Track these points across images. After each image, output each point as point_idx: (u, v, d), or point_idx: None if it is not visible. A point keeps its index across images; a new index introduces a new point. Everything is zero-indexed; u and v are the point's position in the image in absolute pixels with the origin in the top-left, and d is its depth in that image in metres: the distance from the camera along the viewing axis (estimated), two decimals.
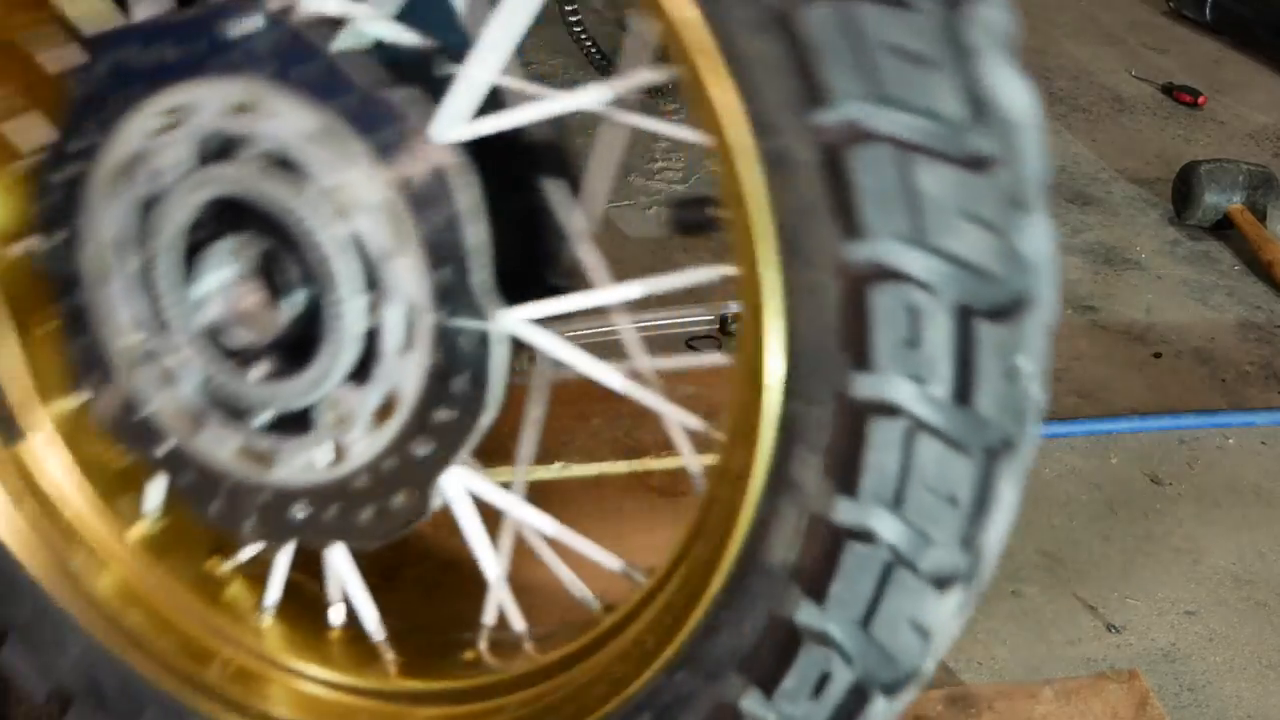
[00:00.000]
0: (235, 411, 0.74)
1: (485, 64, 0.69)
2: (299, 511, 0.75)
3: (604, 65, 3.07)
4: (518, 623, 0.86)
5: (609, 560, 0.82)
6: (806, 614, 0.63)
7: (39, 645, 0.86)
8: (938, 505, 0.62)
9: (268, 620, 0.91)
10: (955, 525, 0.62)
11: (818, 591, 0.63)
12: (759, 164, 0.60)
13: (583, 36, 3.05)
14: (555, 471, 1.17)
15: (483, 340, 0.68)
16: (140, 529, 0.91)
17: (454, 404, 0.69)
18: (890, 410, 0.60)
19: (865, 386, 0.60)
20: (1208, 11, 3.37)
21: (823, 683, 0.64)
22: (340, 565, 0.87)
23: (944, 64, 0.55)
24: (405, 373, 0.70)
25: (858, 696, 0.65)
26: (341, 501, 0.74)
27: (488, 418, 0.71)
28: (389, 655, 0.88)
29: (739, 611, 0.65)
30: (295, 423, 0.73)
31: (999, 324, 0.58)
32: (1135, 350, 2.15)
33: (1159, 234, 2.52)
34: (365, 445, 0.72)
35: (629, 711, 0.69)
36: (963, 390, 0.60)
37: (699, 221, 0.87)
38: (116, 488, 0.90)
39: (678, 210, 0.86)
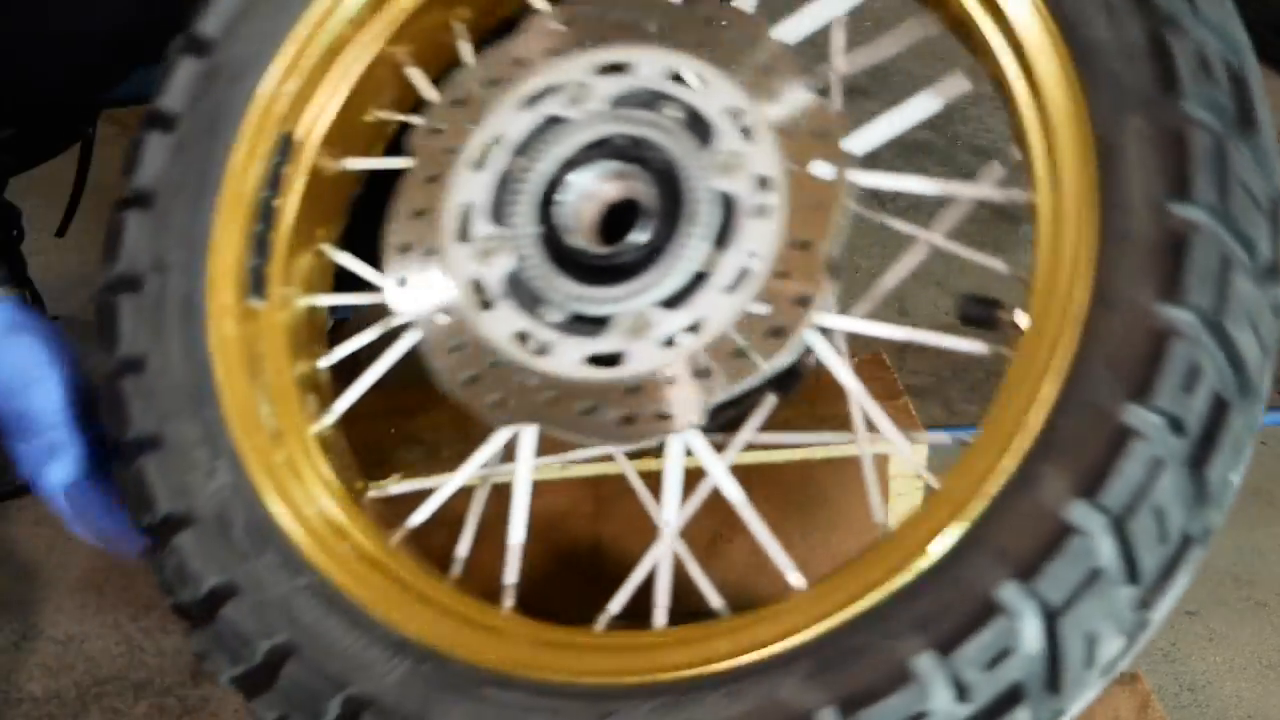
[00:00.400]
0: (531, 301, 0.85)
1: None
2: (544, 398, 0.83)
3: None
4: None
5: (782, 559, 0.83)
6: (1008, 592, 0.68)
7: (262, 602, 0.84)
8: (1150, 536, 0.69)
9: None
10: (1156, 561, 0.69)
11: (1026, 575, 0.68)
12: (1097, 235, 0.73)
13: None
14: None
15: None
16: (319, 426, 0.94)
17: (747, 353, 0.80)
18: (1144, 438, 0.69)
19: (1133, 415, 0.69)
20: None
21: (1000, 657, 0.68)
22: None
23: (1269, 216, 0.72)
24: (719, 309, 0.81)
25: (1022, 686, 0.68)
26: (594, 401, 0.81)
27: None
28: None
29: (943, 582, 0.70)
30: (584, 323, 0.84)
31: (1236, 413, 0.70)
32: None
33: None
34: (648, 356, 0.81)
35: (791, 656, 0.72)
36: (1199, 456, 0.70)
37: (986, 318, 0.95)
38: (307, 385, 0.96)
39: (968, 304, 0.95)
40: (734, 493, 0.85)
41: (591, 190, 0.89)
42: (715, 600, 0.83)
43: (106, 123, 1.75)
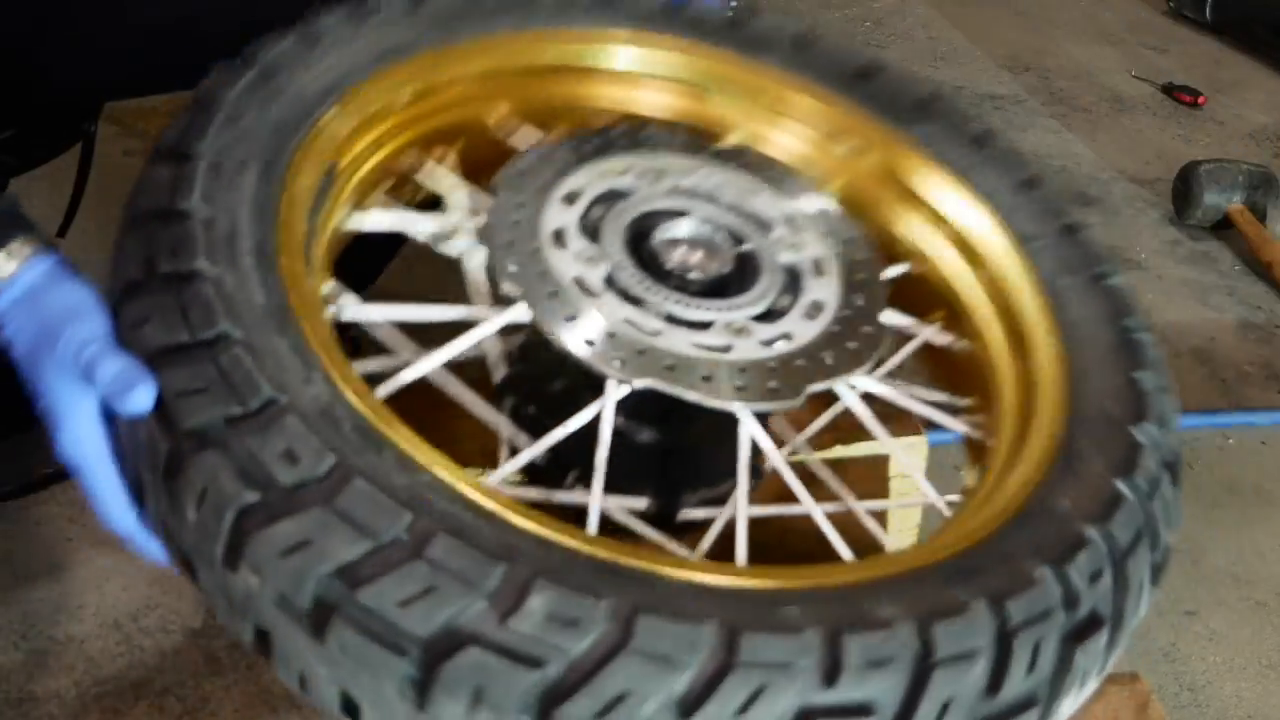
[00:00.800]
0: (633, 300, 1.00)
1: None
2: (665, 363, 0.98)
3: None
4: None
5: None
6: (1091, 531, 0.89)
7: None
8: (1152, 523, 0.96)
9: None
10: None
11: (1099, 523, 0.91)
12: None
13: None
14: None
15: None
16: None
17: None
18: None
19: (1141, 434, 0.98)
20: (1208, 11, 3.37)
21: (1096, 576, 0.87)
22: None
23: None
24: (802, 329, 1.03)
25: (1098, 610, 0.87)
26: (710, 371, 0.98)
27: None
28: None
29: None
30: (686, 323, 1.00)
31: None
32: None
33: (1159, 234, 2.52)
34: (752, 350, 1.00)
35: (943, 568, 0.88)
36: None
37: None
38: None
39: None
40: (794, 481, 1.03)
41: (675, 235, 1.07)
42: (846, 552, 1.00)
43: (107, 122, 1.75)
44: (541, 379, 1.13)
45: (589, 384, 1.00)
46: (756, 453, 1.01)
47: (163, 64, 1.52)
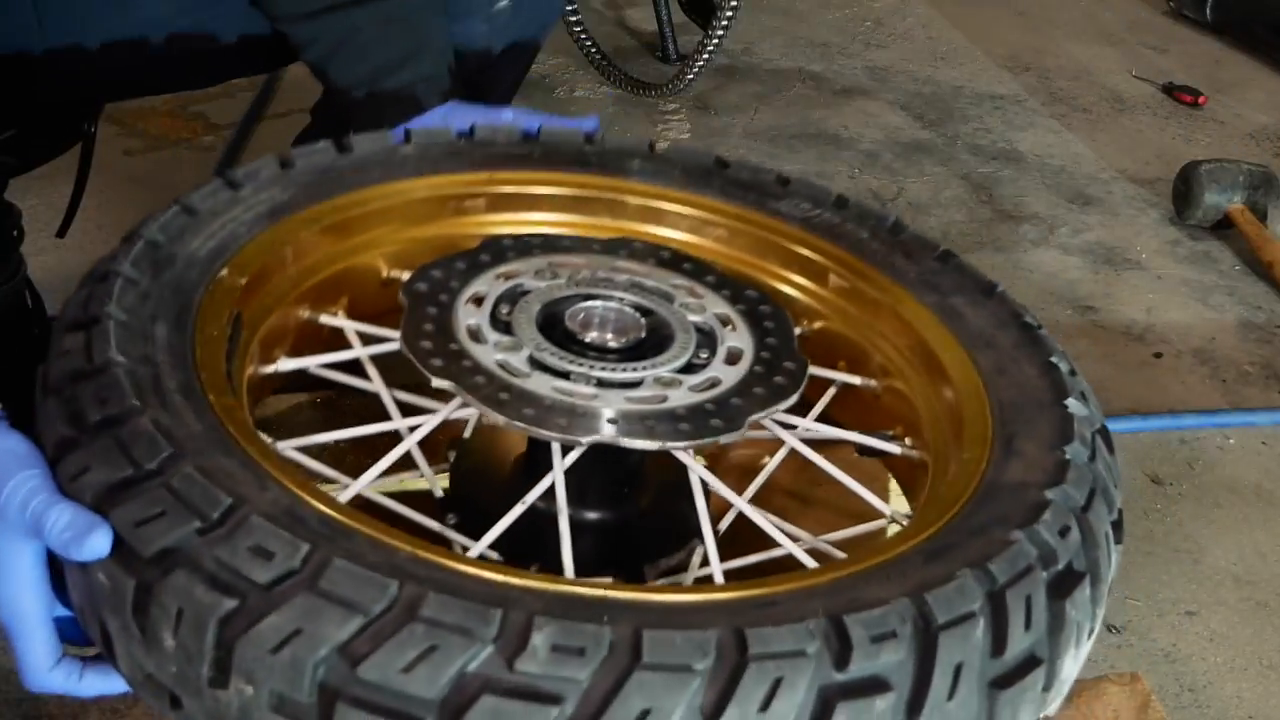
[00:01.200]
0: (561, 374, 1.05)
1: None
2: (606, 419, 1.03)
3: (604, 65, 3.07)
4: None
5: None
6: (1052, 494, 0.96)
7: None
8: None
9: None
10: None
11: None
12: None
13: (583, 36, 3.05)
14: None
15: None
16: None
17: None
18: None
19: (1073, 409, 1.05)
20: (1208, 11, 3.37)
21: (1065, 531, 0.94)
22: None
23: None
24: (727, 374, 1.08)
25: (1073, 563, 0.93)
26: (655, 421, 1.04)
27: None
28: None
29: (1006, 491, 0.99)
30: (616, 385, 1.06)
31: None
32: (1135, 350, 2.15)
33: (1159, 234, 2.52)
34: (687, 396, 1.06)
35: (922, 550, 0.92)
36: None
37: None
38: None
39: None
40: (814, 455, 1.13)
41: (586, 315, 1.13)
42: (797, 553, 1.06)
43: (107, 122, 1.75)
44: (484, 476, 1.18)
45: (534, 464, 1.07)
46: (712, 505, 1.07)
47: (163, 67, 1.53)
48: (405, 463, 1.14)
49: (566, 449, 1.03)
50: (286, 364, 1.20)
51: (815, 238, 1.29)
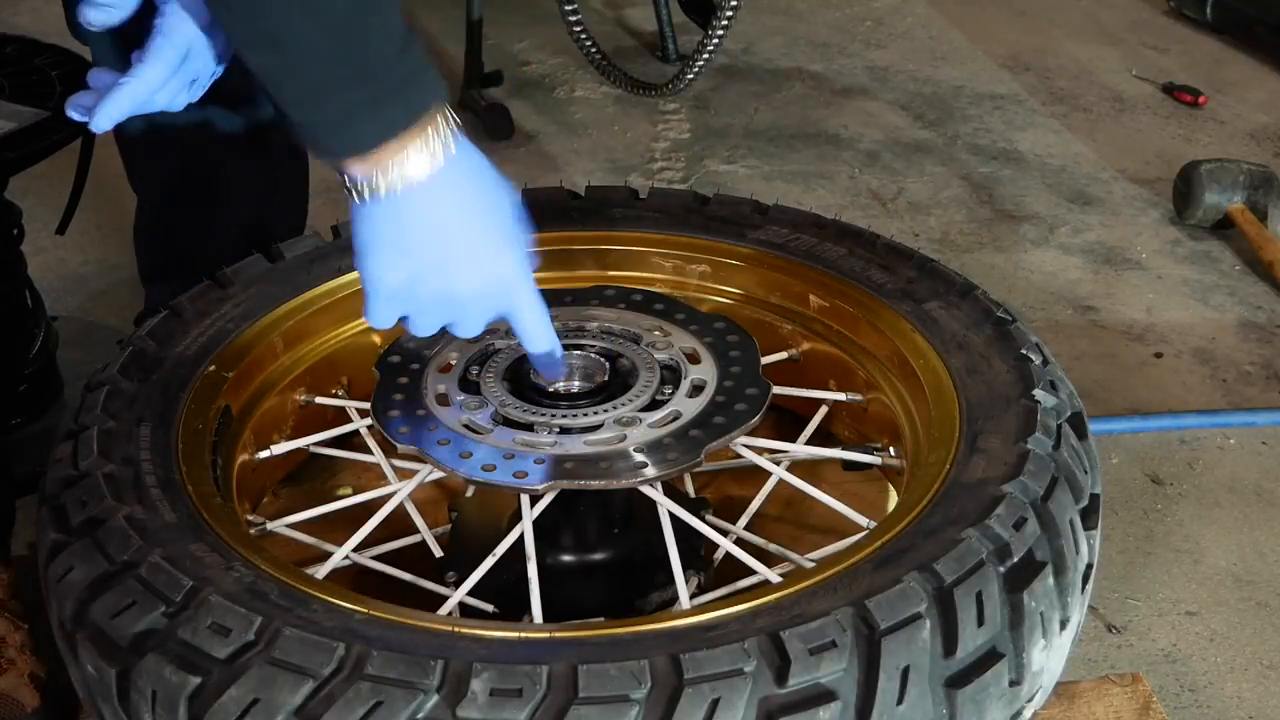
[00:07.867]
0: (524, 427, 1.11)
1: None
2: (568, 464, 1.07)
3: (604, 65, 3.07)
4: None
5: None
6: (1010, 487, 0.98)
7: None
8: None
9: None
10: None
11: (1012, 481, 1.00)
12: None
13: (583, 36, 3.05)
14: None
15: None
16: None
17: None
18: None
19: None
20: (1208, 11, 3.37)
21: (1020, 524, 0.96)
22: None
23: None
24: (688, 406, 1.13)
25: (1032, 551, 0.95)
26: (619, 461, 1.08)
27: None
28: None
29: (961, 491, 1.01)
30: (575, 431, 1.10)
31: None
32: (1135, 350, 2.15)
33: (1159, 234, 2.52)
34: (646, 433, 1.10)
35: (881, 555, 0.96)
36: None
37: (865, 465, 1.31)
38: None
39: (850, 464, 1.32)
40: (799, 481, 1.18)
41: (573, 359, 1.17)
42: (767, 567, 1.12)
43: None
44: (480, 533, 1.22)
45: (517, 517, 1.11)
46: (701, 542, 1.15)
47: None
48: (411, 526, 1.23)
49: (535, 499, 1.09)
50: (282, 446, 1.28)
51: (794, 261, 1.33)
